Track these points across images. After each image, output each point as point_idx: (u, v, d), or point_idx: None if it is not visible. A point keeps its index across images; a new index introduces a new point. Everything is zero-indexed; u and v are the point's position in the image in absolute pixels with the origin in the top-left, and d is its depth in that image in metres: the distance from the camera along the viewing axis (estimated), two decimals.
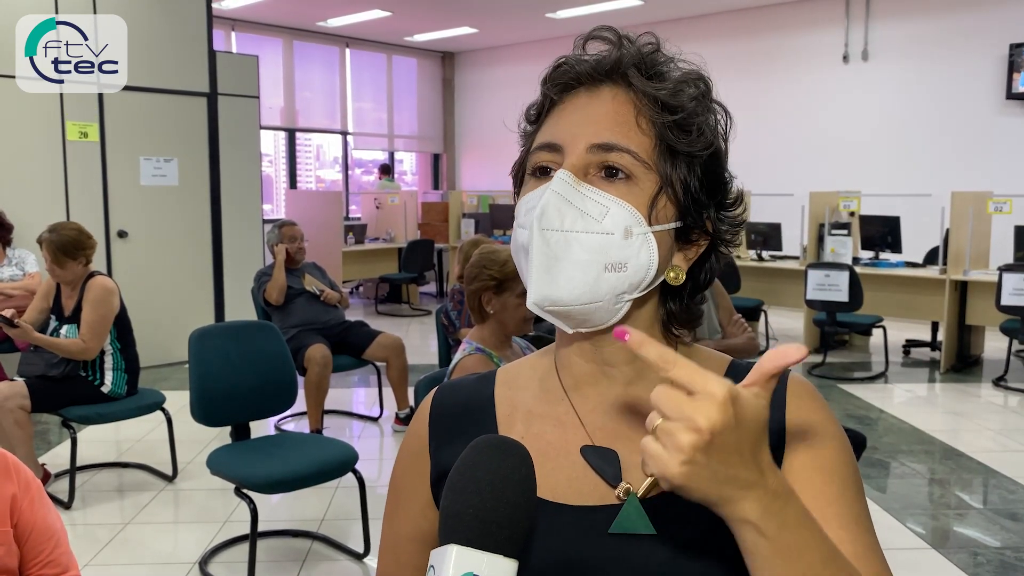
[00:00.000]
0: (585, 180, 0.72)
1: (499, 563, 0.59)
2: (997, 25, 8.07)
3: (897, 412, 5.20)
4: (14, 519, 1.39)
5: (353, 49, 11.71)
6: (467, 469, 0.62)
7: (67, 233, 3.65)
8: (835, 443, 0.76)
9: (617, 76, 0.74)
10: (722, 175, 0.77)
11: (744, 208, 0.80)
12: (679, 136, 0.73)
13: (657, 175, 0.73)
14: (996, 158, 8.11)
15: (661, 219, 0.73)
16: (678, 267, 0.76)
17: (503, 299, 2.41)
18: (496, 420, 0.81)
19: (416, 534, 0.83)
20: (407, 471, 0.84)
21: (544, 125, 0.77)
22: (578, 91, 0.76)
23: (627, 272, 0.71)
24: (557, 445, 0.77)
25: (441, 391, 0.86)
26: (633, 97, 0.73)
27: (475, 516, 0.59)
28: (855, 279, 5.96)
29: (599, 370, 0.78)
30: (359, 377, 6.01)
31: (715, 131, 0.75)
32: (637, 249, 0.71)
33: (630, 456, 0.75)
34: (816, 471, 0.73)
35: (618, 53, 0.75)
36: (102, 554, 3.17)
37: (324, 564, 3.13)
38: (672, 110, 0.73)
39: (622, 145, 0.71)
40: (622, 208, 0.71)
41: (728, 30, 9.71)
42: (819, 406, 0.78)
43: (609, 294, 0.71)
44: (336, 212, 8.92)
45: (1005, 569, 3.04)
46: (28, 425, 3.52)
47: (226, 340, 3.20)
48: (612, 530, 0.72)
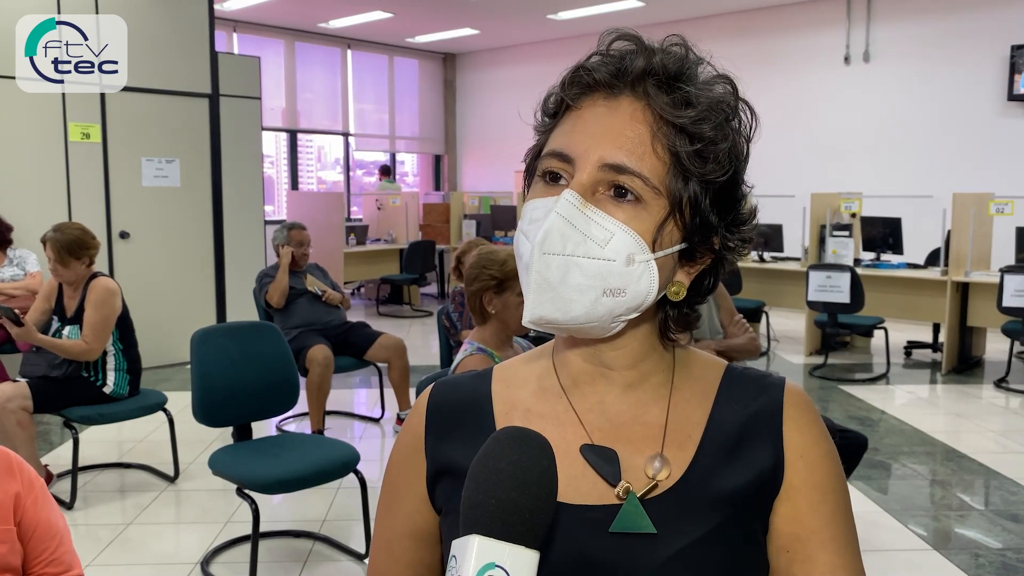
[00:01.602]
0: (593, 199, 0.70)
1: (521, 554, 0.59)
2: (998, 27, 8.07)
3: (898, 413, 5.20)
4: (17, 517, 1.39)
5: (354, 50, 11.72)
6: (489, 460, 0.62)
7: (71, 233, 3.65)
8: (829, 460, 0.77)
9: (639, 89, 0.72)
10: (736, 195, 0.75)
11: (756, 225, 0.78)
12: (696, 164, 0.71)
13: (667, 200, 0.71)
14: (997, 159, 8.11)
15: (666, 243, 0.72)
16: (680, 283, 0.75)
17: (504, 299, 2.41)
18: (494, 417, 0.81)
19: (411, 530, 0.82)
20: (403, 467, 0.84)
21: (560, 126, 0.75)
22: (595, 96, 0.73)
23: (625, 297, 0.71)
24: (556, 444, 0.76)
25: (438, 388, 0.85)
26: (652, 118, 0.71)
27: (498, 507, 0.59)
28: (856, 280, 5.96)
29: (598, 371, 0.78)
30: (360, 378, 6.01)
31: (736, 153, 0.73)
32: (638, 276, 0.70)
33: (629, 456, 0.75)
34: (813, 490, 0.75)
35: (643, 63, 0.72)
36: (104, 554, 3.18)
37: (326, 565, 3.13)
38: (692, 138, 0.70)
39: (634, 169, 0.69)
40: (627, 235, 0.70)
41: (729, 31, 9.72)
42: (814, 420, 0.79)
43: (606, 316, 0.72)
44: (337, 213, 8.92)
45: (1006, 570, 3.04)
46: (30, 426, 3.52)
47: (228, 341, 3.20)
48: (613, 529, 0.72)
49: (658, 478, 0.74)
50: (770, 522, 0.75)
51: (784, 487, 0.75)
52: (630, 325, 0.75)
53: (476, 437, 0.76)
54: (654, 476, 0.74)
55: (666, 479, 0.74)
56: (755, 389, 0.79)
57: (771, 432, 0.76)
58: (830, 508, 0.75)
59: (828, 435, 0.79)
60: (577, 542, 0.72)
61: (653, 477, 0.74)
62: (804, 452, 0.76)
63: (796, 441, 0.76)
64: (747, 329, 3.26)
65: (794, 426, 0.76)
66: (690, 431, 0.76)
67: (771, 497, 0.75)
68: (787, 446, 0.76)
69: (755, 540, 0.74)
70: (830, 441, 0.79)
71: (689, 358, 0.81)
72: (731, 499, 0.73)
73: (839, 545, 0.74)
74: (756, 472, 0.74)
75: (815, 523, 0.74)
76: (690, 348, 0.83)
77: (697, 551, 0.71)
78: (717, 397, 0.79)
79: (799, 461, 0.75)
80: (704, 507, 0.73)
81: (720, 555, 0.71)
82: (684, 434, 0.76)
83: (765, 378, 0.80)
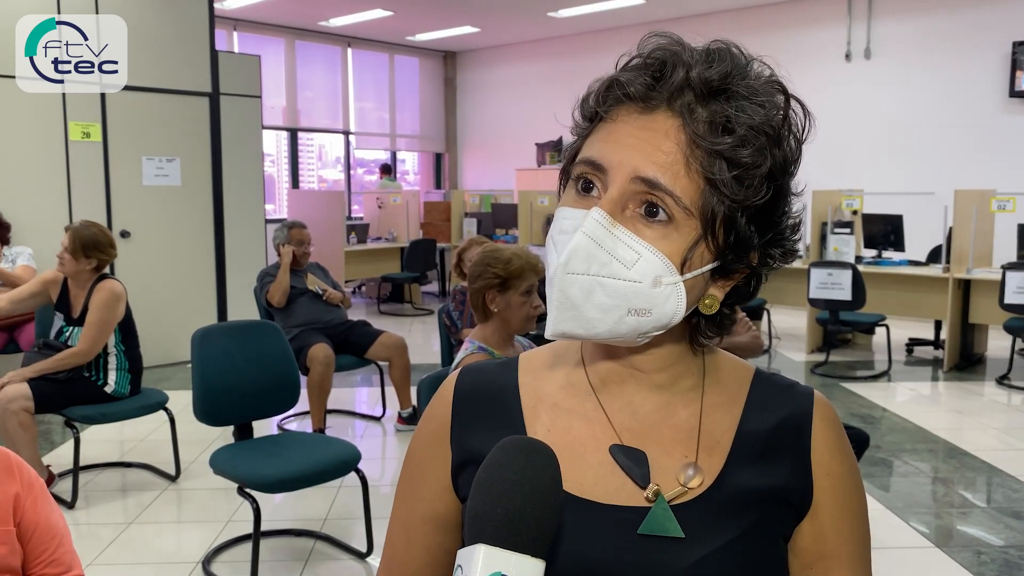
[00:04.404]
0: (622, 216, 0.68)
1: (527, 563, 0.59)
2: (1000, 23, 8.05)
3: (900, 411, 5.19)
4: (17, 518, 1.39)
5: (355, 49, 11.71)
6: (495, 469, 0.62)
7: (93, 230, 3.69)
8: (853, 476, 0.79)
9: (676, 104, 0.68)
10: (778, 210, 0.72)
11: (800, 236, 0.75)
12: (733, 189, 0.67)
13: (699, 221, 0.68)
14: (999, 156, 8.10)
15: (696, 264, 0.69)
16: (714, 296, 0.73)
17: (507, 297, 2.40)
18: (522, 409, 0.80)
19: (431, 515, 0.82)
20: (426, 453, 0.83)
21: (595, 132, 0.72)
22: (631, 107, 0.70)
23: (651, 317, 0.69)
24: (584, 441, 0.77)
25: (464, 374, 0.84)
26: (686, 139, 0.67)
27: (504, 516, 0.59)
28: (858, 278, 5.95)
29: (628, 372, 0.78)
30: (362, 377, 6.01)
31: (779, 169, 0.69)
32: (664, 298, 0.69)
33: (657, 458, 0.75)
34: (837, 508, 0.77)
35: (682, 76, 0.68)
36: (105, 553, 3.18)
37: (327, 564, 3.13)
38: (729, 163, 0.67)
39: (667, 187, 0.67)
40: (655, 256, 0.67)
41: (730, 28, 9.70)
42: (841, 434, 0.80)
43: (631, 333, 0.70)
44: (338, 212, 8.92)
45: (1009, 568, 3.04)
46: (32, 427, 3.52)
47: (229, 340, 3.20)
48: (641, 531, 0.72)
49: (690, 485, 0.74)
50: (794, 537, 0.76)
51: (812, 506, 0.76)
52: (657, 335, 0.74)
53: (503, 427, 0.77)
54: (686, 483, 0.74)
55: (698, 486, 0.74)
56: (783, 398, 0.79)
57: (799, 444, 0.77)
58: (850, 526, 0.77)
59: (851, 449, 0.80)
60: (603, 542, 0.72)
61: (685, 484, 0.74)
62: (831, 469, 0.77)
63: (825, 458, 0.77)
64: (750, 327, 3.26)
65: (822, 439, 0.77)
66: (719, 437, 0.76)
67: (799, 514, 0.76)
68: (815, 463, 0.76)
69: (778, 548, 0.75)
70: (853, 455, 0.80)
71: (718, 361, 0.81)
72: (758, 507, 0.74)
73: (853, 561, 0.77)
74: (783, 483, 0.75)
75: (836, 540, 0.76)
76: (718, 351, 0.82)
77: (722, 557, 0.71)
78: (747, 404, 0.79)
79: (826, 479, 0.76)
80: (731, 514, 0.73)
81: (744, 562, 0.72)
82: (713, 440, 0.76)
83: (793, 387, 0.80)
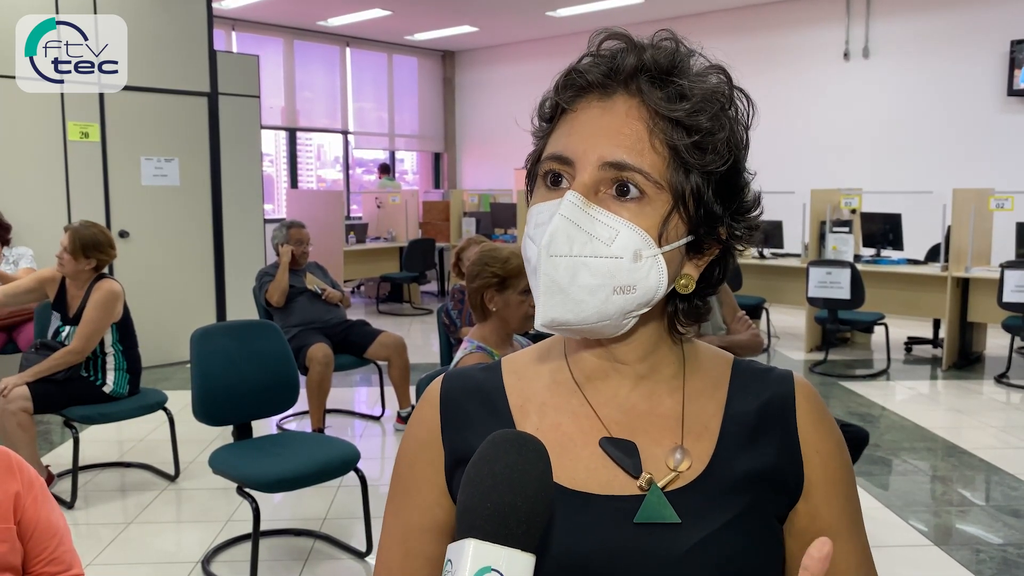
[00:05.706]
0: (596, 198, 0.71)
1: (517, 557, 0.59)
2: (998, 21, 8.06)
3: (899, 409, 5.20)
4: (17, 516, 1.39)
5: (353, 48, 11.71)
6: (484, 463, 0.62)
7: (92, 230, 3.68)
8: (840, 452, 0.81)
9: (632, 86, 0.72)
10: (738, 184, 0.75)
11: (761, 210, 0.79)
12: (695, 156, 0.71)
13: (670, 194, 0.71)
14: (997, 155, 8.10)
15: (672, 237, 0.72)
16: (689, 275, 0.76)
17: (505, 296, 2.41)
18: (510, 409, 0.81)
19: (430, 524, 0.81)
20: (416, 461, 0.83)
21: (556, 130, 0.75)
22: (590, 98, 0.73)
23: (635, 294, 0.71)
24: (574, 437, 0.78)
25: (449, 378, 0.85)
26: (647, 114, 0.71)
27: (494, 510, 0.59)
28: (856, 276, 5.96)
29: (610, 366, 0.79)
30: (361, 376, 6.01)
31: (735, 142, 0.73)
32: (647, 272, 0.71)
33: (647, 447, 0.76)
34: (828, 484, 0.79)
35: (634, 60, 0.72)
36: (105, 553, 3.18)
37: (326, 563, 3.13)
38: (689, 131, 0.70)
39: (635, 165, 0.69)
40: (632, 231, 0.70)
41: (728, 27, 9.71)
42: (824, 412, 0.82)
43: (617, 314, 0.72)
44: (337, 212, 8.92)
45: (1007, 566, 3.04)
46: (31, 427, 3.52)
47: (228, 339, 3.20)
48: (638, 519, 0.73)
49: (679, 469, 0.75)
50: (790, 519, 0.78)
51: (804, 487, 0.78)
52: (639, 320, 0.76)
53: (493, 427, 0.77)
54: (676, 467, 0.75)
55: (687, 470, 0.75)
56: (764, 381, 0.81)
57: (785, 425, 0.79)
58: (842, 500, 0.79)
59: (836, 425, 0.82)
60: (601, 532, 0.73)
61: (675, 468, 0.75)
62: (819, 447, 0.79)
63: (811, 437, 0.79)
64: (750, 325, 3.27)
65: (807, 419, 0.79)
66: (706, 421, 0.78)
67: (793, 496, 0.78)
68: (803, 442, 0.78)
69: (773, 526, 0.77)
70: (839, 431, 0.82)
71: (697, 351, 0.83)
72: (751, 487, 0.75)
73: (850, 534, 0.80)
74: (774, 463, 0.77)
75: (830, 516, 0.78)
76: (697, 342, 0.84)
77: (720, 538, 0.72)
78: (730, 389, 0.80)
79: (815, 457, 0.78)
80: (725, 497, 0.74)
81: (742, 541, 0.73)
82: (701, 425, 0.78)
83: (772, 371, 0.83)
